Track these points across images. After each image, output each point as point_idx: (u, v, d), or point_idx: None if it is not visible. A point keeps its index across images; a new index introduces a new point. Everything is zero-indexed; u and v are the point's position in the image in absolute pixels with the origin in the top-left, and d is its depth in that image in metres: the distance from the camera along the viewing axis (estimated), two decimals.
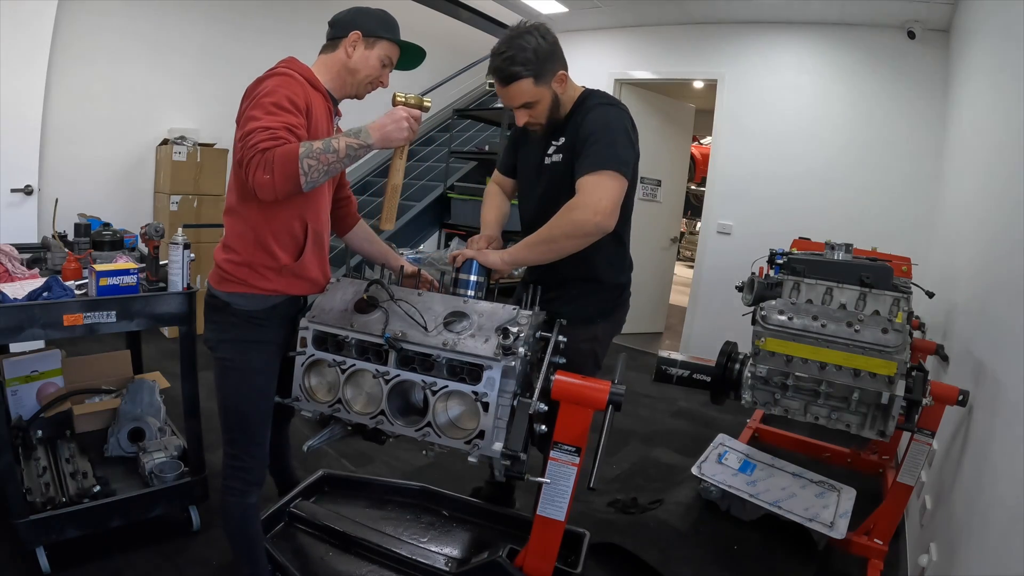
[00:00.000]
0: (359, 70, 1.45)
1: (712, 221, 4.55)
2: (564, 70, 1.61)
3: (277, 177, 1.21)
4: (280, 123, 1.26)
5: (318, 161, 1.25)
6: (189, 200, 3.83)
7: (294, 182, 1.23)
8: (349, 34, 1.43)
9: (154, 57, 3.90)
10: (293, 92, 1.31)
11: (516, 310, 1.38)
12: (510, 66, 1.53)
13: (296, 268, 1.42)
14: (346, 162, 1.31)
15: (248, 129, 1.25)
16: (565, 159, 1.65)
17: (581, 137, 1.57)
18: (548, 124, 1.66)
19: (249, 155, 1.22)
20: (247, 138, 1.24)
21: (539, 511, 1.39)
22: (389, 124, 1.35)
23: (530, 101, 1.59)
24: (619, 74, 4.83)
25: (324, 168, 1.27)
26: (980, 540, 1.41)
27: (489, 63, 1.61)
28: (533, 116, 1.63)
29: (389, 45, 1.46)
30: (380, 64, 1.47)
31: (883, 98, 3.90)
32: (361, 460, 2.54)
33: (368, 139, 1.32)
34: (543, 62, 1.55)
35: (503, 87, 1.58)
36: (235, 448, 1.46)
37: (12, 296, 1.54)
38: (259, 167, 1.21)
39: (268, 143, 1.22)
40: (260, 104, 1.28)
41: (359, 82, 1.48)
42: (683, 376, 1.89)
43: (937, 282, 2.60)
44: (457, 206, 4.74)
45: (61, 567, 1.69)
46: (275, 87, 1.30)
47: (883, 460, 2.69)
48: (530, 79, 1.55)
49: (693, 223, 8.65)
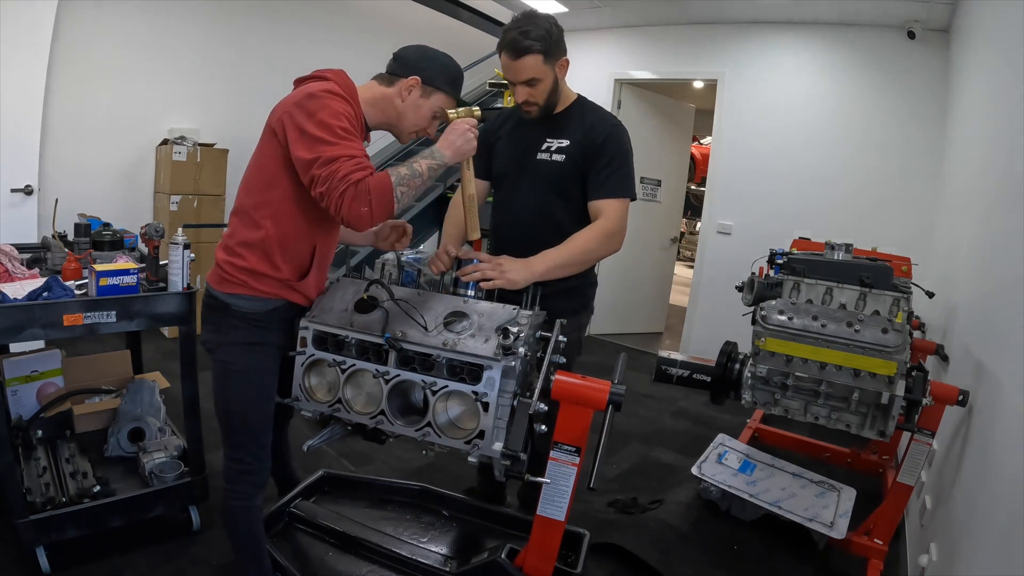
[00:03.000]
0: (407, 116, 1.44)
1: (712, 221, 4.55)
2: (567, 59, 1.69)
3: (375, 208, 1.23)
4: (360, 151, 1.27)
5: (408, 187, 1.29)
6: (189, 200, 3.83)
7: (390, 212, 1.27)
8: (409, 77, 1.41)
9: (154, 57, 3.90)
10: (350, 116, 1.31)
11: (516, 310, 1.38)
12: (524, 39, 1.58)
13: (297, 285, 1.42)
14: (429, 183, 1.35)
15: (329, 155, 1.22)
16: (569, 162, 1.71)
17: (597, 152, 1.68)
18: (542, 110, 1.70)
19: (341, 187, 1.21)
20: (333, 167, 1.22)
21: (539, 511, 1.39)
22: (458, 139, 1.38)
23: (535, 78, 1.63)
24: (619, 74, 4.82)
25: (413, 193, 1.31)
26: (980, 540, 1.41)
27: (501, 38, 1.64)
28: (533, 95, 1.67)
29: (446, 98, 1.46)
30: (431, 116, 1.46)
31: (883, 98, 3.90)
32: (361, 460, 2.54)
33: (443, 158, 1.37)
34: (555, 43, 1.63)
35: (513, 59, 1.62)
36: (239, 452, 1.45)
37: (12, 296, 1.54)
38: (355, 199, 1.21)
39: (359, 173, 1.22)
40: (326, 126, 1.24)
41: (404, 128, 1.47)
42: (683, 376, 1.89)
43: (937, 282, 2.60)
44: None
45: (61, 567, 1.69)
46: (338, 108, 1.28)
47: (883, 460, 2.69)
48: (540, 56, 1.61)
49: (693, 223, 8.64)
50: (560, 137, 1.73)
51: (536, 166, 1.75)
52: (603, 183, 1.68)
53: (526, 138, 1.78)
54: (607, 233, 1.64)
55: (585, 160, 1.70)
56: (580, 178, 1.72)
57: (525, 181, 1.78)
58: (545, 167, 1.74)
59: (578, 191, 1.73)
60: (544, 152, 1.74)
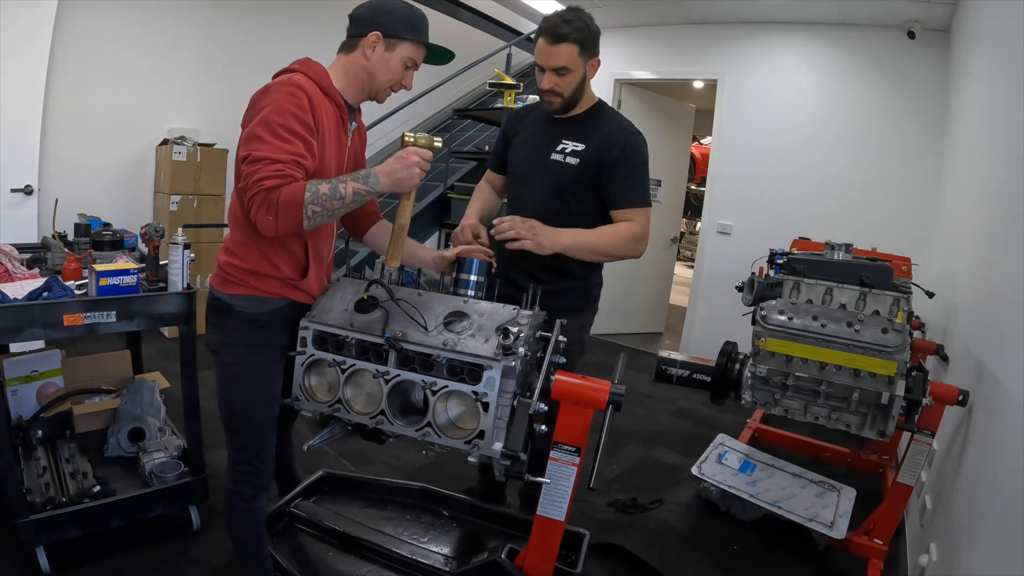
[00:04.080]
0: (378, 74, 1.37)
1: (712, 221, 4.55)
2: (599, 60, 1.72)
3: (280, 220, 1.20)
4: (288, 155, 1.21)
5: (323, 208, 1.23)
6: (189, 200, 3.83)
7: (295, 225, 1.23)
8: (368, 34, 1.34)
9: (154, 57, 3.90)
10: (302, 109, 1.25)
11: (516, 310, 1.38)
12: (565, 26, 1.61)
13: (299, 284, 1.42)
14: (352, 207, 1.29)
15: (254, 156, 1.20)
16: (583, 165, 1.74)
17: (616, 161, 1.70)
18: (564, 103, 1.72)
19: (253, 190, 1.19)
20: (253, 169, 1.20)
21: (539, 511, 1.39)
22: (400, 169, 1.29)
23: (566, 67, 1.65)
24: (619, 74, 4.82)
25: (328, 214, 1.25)
26: (980, 540, 1.41)
27: (542, 23, 1.67)
28: (559, 85, 1.68)
29: (412, 46, 1.37)
30: (402, 67, 1.38)
31: (883, 98, 3.90)
32: (361, 460, 2.54)
33: (377, 185, 1.28)
34: (592, 39, 1.66)
35: (550, 44, 1.64)
36: (243, 453, 1.45)
37: (12, 296, 1.54)
38: (262, 207, 1.19)
39: (273, 180, 1.18)
40: (268, 123, 1.22)
41: (378, 87, 1.39)
42: (683, 376, 1.89)
43: (937, 282, 2.60)
44: (457, 206, 4.74)
45: (61, 567, 1.69)
46: (285, 104, 1.23)
47: (883, 460, 2.69)
48: (576, 47, 1.63)
49: (693, 223, 8.64)
50: (576, 140, 1.76)
51: (548, 165, 1.77)
52: (627, 192, 1.71)
53: (543, 137, 1.80)
54: (635, 236, 1.70)
55: (599, 167, 1.72)
56: (591, 184, 1.74)
57: (536, 179, 1.80)
58: (557, 168, 1.76)
59: (587, 195, 1.75)
60: (558, 153, 1.76)
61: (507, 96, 4.54)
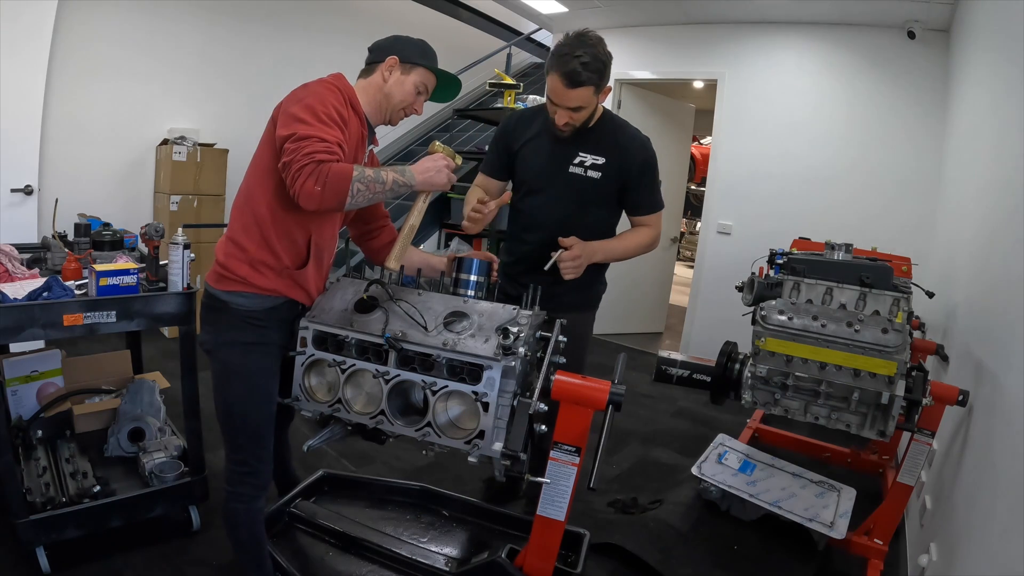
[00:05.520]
0: (394, 94, 1.47)
1: (712, 221, 4.55)
2: (610, 86, 1.72)
3: (327, 192, 1.23)
4: (334, 137, 1.28)
5: (367, 188, 1.29)
6: (189, 200, 3.83)
7: (340, 201, 1.26)
8: (386, 59, 1.45)
9: (154, 57, 3.90)
10: (342, 104, 1.35)
11: (516, 310, 1.38)
12: (584, 71, 1.60)
13: (296, 275, 1.42)
14: (389, 195, 1.35)
15: (303, 134, 1.25)
16: (605, 180, 1.80)
17: (639, 172, 1.81)
18: (576, 130, 1.76)
19: (302, 162, 1.22)
20: (302, 143, 1.24)
21: (539, 511, 1.39)
22: (432, 169, 1.41)
23: (583, 106, 1.67)
24: (619, 74, 4.82)
25: (370, 195, 1.30)
26: (980, 540, 1.41)
27: (557, 60, 1.63)
28: (573, 119, 1.71)
29: (425, 72, 1.49)
30: (415, 91, 1.49)
31: (883, 98, 3.90)
32: (361, 460, 2.54)
33: (412, 180, 1.39)
34: (606, 76, 1.66)
35: (567, 87, 1.63)
36: (241, 453, 1.45)
37: (12, 296, 1.54)
38: (311, 176, 1.22)
39: (325, 155, 1.23)
40: (311, 109, 1.28)
41: (393, 107, 1.49)
42: (683, 376, 1.89)
43: (937, 282, 2.60)
44: (457, 206, 4.74)
45: (61, 567, 1.69)
46: (327, 96, 1.32)
47: (883, 460, 2.69)
48: (593, 88, 1.64)
49: (693, 223, 8.64)
50: (595, 153, 1.79)
51: (567, 178, 1.81)
52: (647, 200, 1.88)
53: (556, 149, 1.82)
54: (655, 238, 1.91)
55: (622, 180, 1.81)
56: (615, 196, 1.84)
57: (554, 191, 1.84)
58: (579, 181, 1.80)
59: (610, 205, 1.86)
60: (577, 166, 1.80)
61: (507, 96, 4.54)
